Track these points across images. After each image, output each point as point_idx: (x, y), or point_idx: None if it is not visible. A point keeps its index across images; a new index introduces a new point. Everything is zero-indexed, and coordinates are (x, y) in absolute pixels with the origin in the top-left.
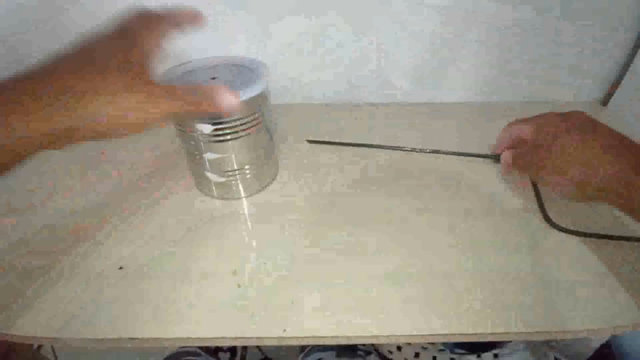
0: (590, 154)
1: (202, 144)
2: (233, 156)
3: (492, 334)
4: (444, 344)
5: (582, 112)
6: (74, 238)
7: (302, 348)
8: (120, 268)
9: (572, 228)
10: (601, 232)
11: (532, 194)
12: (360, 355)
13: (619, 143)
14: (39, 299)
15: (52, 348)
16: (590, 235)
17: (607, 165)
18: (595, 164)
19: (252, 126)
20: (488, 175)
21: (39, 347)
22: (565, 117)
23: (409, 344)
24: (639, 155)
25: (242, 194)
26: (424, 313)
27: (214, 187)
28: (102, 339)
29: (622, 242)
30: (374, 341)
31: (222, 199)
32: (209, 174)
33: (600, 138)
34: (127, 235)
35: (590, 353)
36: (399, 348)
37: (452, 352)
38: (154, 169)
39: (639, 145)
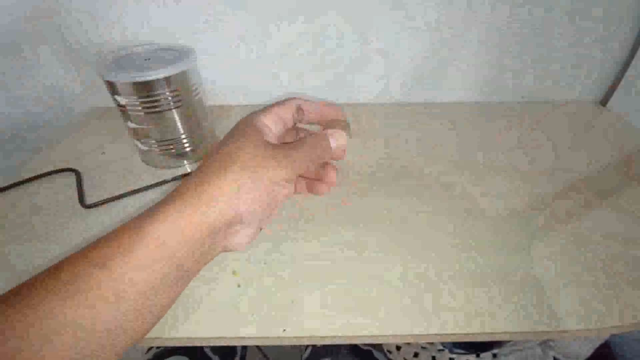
0: None
1: (124, 113)
2: (150, 128)
3: (491, 333)
4: (443, 343)
5: None
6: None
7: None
8: None
9: None
10: None
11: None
12: None
13: None
14: None
15: None
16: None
17: None
18: None
19: (164, 104)
20: (488, 176)
21: None
22: None
23: (409, 343)
24: None
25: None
26: (424, 313)
27: (138, 154)
28: None
29: (622, 243)
30: (374, 341)
31: (147, 165)
32: (135, 141)
33: None
34: None
35: (590, 353)
36: (398, 348)
37: (451, 351)
38: (153, 168)
39: None
